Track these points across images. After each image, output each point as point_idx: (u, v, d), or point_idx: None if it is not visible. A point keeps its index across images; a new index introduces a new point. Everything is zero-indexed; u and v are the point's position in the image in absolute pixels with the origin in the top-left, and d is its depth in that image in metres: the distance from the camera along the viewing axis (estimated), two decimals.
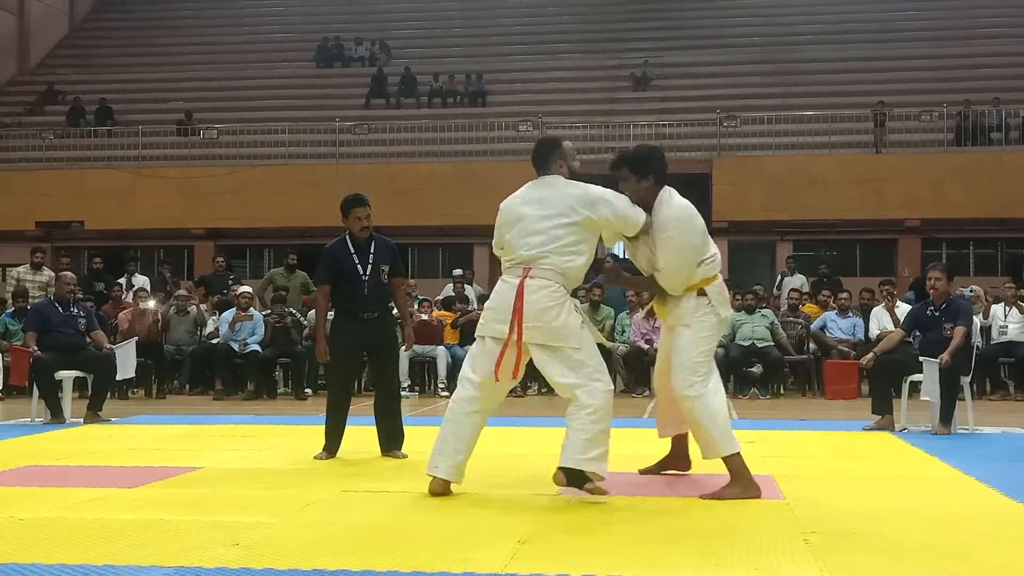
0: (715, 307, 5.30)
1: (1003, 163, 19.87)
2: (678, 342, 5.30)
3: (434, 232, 21.28)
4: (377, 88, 25.37)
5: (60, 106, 26.11)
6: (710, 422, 5.19)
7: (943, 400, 8.14)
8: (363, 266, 6.70)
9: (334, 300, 6.88)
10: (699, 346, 5.27)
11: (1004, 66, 24.08)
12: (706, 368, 5.27)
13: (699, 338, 5.27)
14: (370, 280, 6.72)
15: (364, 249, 6.73)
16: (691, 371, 5.22)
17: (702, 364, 5.26)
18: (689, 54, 26.13)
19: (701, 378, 5.22)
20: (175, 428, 8.78)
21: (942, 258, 18.74)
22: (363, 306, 6.71)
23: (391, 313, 7.16)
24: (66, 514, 4.80)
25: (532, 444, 7.65)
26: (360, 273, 6.68)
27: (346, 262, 6.69)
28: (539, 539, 4.24)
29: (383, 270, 6.78)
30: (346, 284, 6.71)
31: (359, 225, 6.74)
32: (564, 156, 5.26)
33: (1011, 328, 12.50)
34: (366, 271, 6.69)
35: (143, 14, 31.42)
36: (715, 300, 5.31)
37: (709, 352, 5.33)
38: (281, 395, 12.75)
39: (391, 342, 7.01)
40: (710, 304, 5.29)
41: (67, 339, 9.46)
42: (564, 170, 5.25)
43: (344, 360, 6.85)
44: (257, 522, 4.56)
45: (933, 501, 5.21)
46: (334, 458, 6.67)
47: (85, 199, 21.34)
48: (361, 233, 6.75)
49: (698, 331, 5.27)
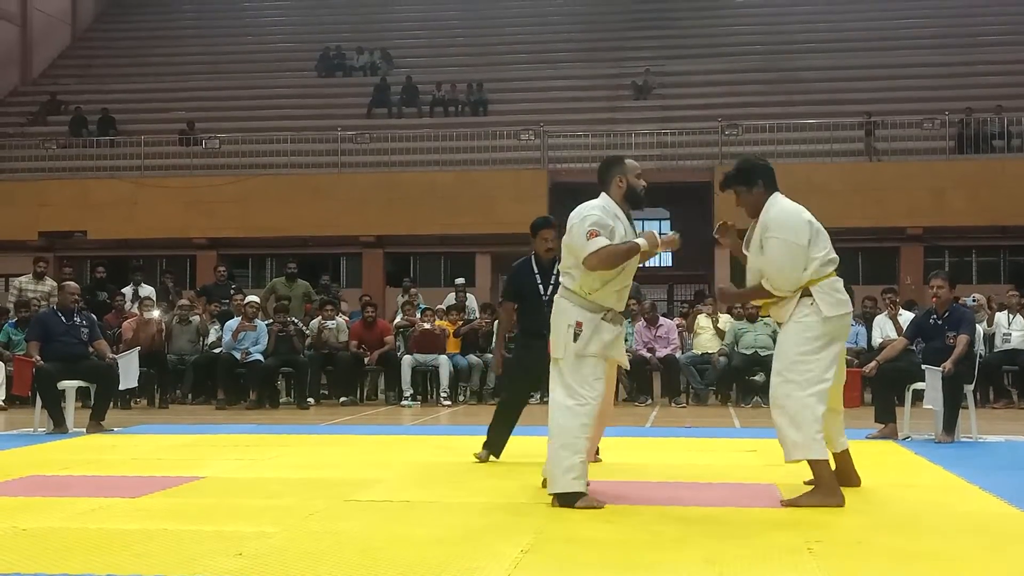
0: (818, 306, 5.18)
1: (1005, 171, 19.88)
2: (779, 344, 5.34)
3: (435, 241, 21.30)
4: (379, 97, 25.42)
5: (62, 116, 26.17)
6: (788, 425, 5.14)
7: (946, 408, 8.13)
8: (544, 287, 6.78)
9: (519, 317, 7.04)
10: (799, 346, 5.19)
11: (1005, 74, 24.11)
12: (807, 370, 5.14)
13: (801, 338, 5.19)
14: (551, 301, 6.77)
15: (547, 271, 6.79)
16: (789, 371, 5.17)
17: (800, 364, 5.16)
18: (690, 63, 26.17)
19: (796, 384, 5.13)
20: (178, 438, 8.78)
21: (945, 266, 18.73)
22: (543, 325, 6.74)
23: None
24: (69, 524, 4.80)
25: (534, 453, 7.63)
26: (541, 293, 6.77)
27: (529, 282, 6.81)
28: (542, 548, 4.23)
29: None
30: (528, 303, 6.83)
31: (544, 247, 6.83)
32: (624, 173, 5.36)
33: (1015, 336, 12.48)
34: (547, 292, 6.74)
35: (145, 24, 31.50)
36: (818, 299, 5.19)
37: (813, 352, 5.17)
38: (283, 405, 12.74)
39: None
40: (813, 304, 5.19)
41: (70, 349, 9.45)
42: (623, 187, 5.35)
43: (521, 375, 6.96)
44: (260, 532, 4.56)
45: (937, 510, 5.19)
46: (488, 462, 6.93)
47: (87, 209, 21.37)
48: (546, 255, 6.83)
49: (798, 331, 5.20)
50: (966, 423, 8.46)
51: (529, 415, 7.09)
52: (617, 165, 5.41)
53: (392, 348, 13.24)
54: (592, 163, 21.48)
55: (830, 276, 5.26)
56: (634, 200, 5.38)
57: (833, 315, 5.21)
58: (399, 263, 22.01)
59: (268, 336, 12.65)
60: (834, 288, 5.25)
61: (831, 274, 5.27)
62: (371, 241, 21.18)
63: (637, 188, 5.38)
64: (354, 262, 21.82)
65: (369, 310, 13.49)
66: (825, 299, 5.20)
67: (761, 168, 5.50)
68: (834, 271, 5.29)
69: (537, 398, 13.01)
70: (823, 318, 5.18)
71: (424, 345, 12.95)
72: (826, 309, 5.19)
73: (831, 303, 5.21)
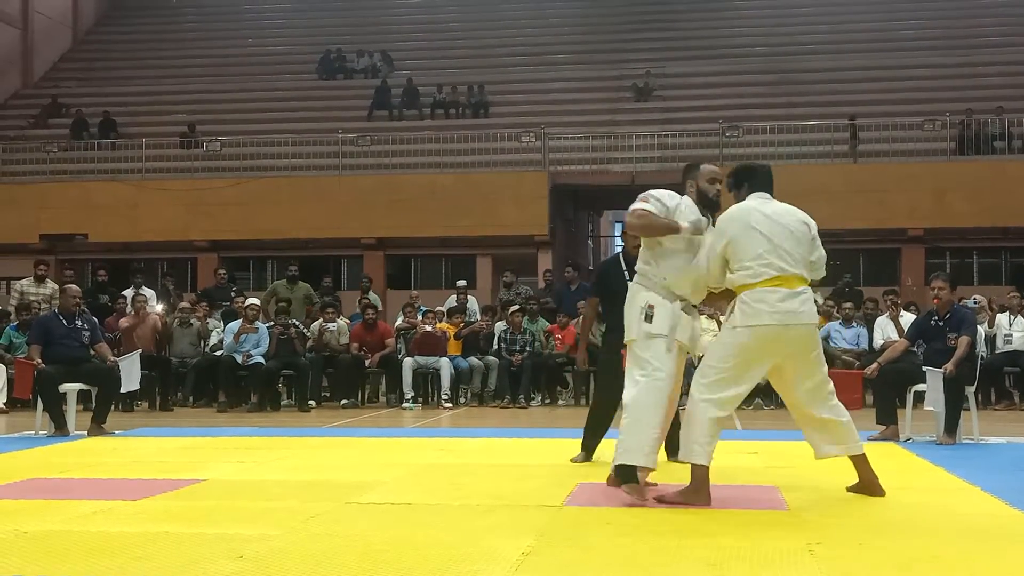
0: (735, 314, 5.17)
1: (1006, 172, 19.86)
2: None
3: (436, 243, 21.30)
4: (380, 99, 25.43)
5: (64, 119, 26.19)
6: (684, 424, 5.28)
7: (948, 410, 8.12)
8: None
9: (607, 315, 6.92)
10: (712, 350, 5.33)
11: (1006, 75, 24.10)
12: (713, 375, 5.20)
13: (718, 342, 5.34)
14: None
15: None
16: (699, 372, 5.28)
17: (708, 368, 5.24)
18: (691, 64, 26.17)
19: (699, 386, 5.23)
20: (179, 440, 8.78)
21: (946, 268, 18.72)
22: None
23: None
24: (70, 527, 4.80)
25: (535, 455, 7.65)
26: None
27: (617, 278, 6.62)
28: (543, 552, 4.22)
29: None
30: (616, 299, 6.53)
31: (633, 243, 6.66)
32: (695, 177, 5.50)
33: (1016, 337, 12.47)
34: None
35: (146, 27, 31.53)
36: (738, 307, 5.18)
37: (721, 360, 5.21)
38: (284, 407, 12.74)
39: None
40: (734, 311, 5.21)
41: (71, 352, 9.46)
42: (693, 192, 5.48)
43: (613, 375, 6.80)
44: (261, 534, 4.56)
45: (938, 511, 5.19)
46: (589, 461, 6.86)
47: (89, 212, 21.37)
48: (635, 251, 6.55)
49: (720, 335, 5.36)
50: (968, 425, 8.46)
51: (529, 417, 7.09)
52: (691, 170, 5.57)
53: (393, 350, 13.24)
54: (593, 165, 21.62)
55: (760, 286, 5.11)
56: (706, 204, 5.46)
57: (742, 325, 5.13)
58: (400, 265, 22.01)
59: (269, 339, 12.65)
60: (757, 299, 5.10)
61: (764, 283, 5.11)
62: (372, 243, 21.19)
63: (709, 193, 5.48)
64: (355, 264, 21.83)
65: (370, 312, 13.49)
66: (743, 308, 5.15)
67: (748, 172, 5.54)
68: (771, 281, 5.11)
69: (539, 400, 13.04)
70: (733, 327, 5.18)
71: (425, 347, 12.94)
72: (739, 319, 5.16)
73: (747, 313, 5.13)
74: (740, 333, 5.17)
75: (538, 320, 13.57)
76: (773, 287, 5.11)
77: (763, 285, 5.12)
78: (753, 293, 5.13)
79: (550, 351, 13.25)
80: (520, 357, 12.93)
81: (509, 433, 9.29)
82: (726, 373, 5.19)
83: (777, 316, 5.10)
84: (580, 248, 25.14)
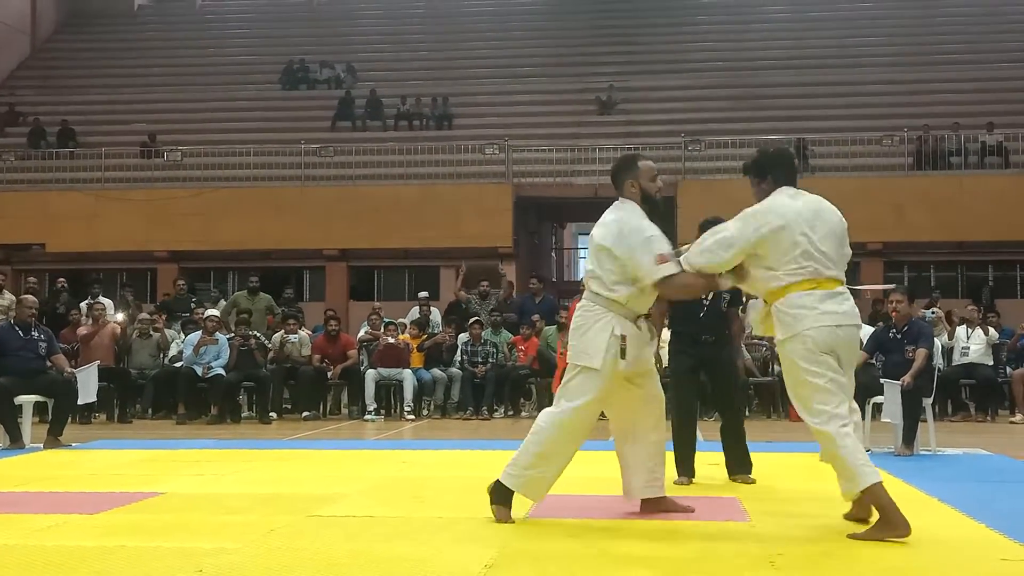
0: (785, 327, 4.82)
1: (963, 187, 20.15)
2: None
3: (400, 255, 21.25)
4: (343, 111, 25.35)
5: (21, 127, 25.84)
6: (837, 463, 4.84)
7: (905, 422, 8.21)
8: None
9: (673, 320, 6.72)
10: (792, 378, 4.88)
11: (962, 91, 24.47)
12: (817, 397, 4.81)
13: (787, 370, 4.93)
14: (711, 305, 6.63)
15: None
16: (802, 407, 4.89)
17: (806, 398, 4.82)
18: (654, 78, 26.33)
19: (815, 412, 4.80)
20: (137, 453, 8.68)
21: (904, 281, 18.94)
22: (702, 329, 6.61)
23: (728, 338, 7.01)
24: (25, 541, 4.72)
25: (498, 468, 7.60)
26: (701, 297, 6.52)
27: None
28: (505, 564, 4.21)
29: (724, 297, 6.62)
30: (687, 307, 6.52)
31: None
32: (636, 176, 5.04)
33: (972, 349, 12.65)
34: (707, 296, 6.52)
35: (106, 35, 31.23)
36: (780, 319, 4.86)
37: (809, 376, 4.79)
38: (245, 419, 12.64)
39: (727, 366, 6.89)
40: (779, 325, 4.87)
41: (27, 363, 9.33)
42: (636, 192, 5.03)
43: (683, 381, 6.76)
44: (221, 548, 4.51)
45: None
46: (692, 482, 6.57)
47: (46, 221, 21.10)
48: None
49: (785, 366, 4.93)
50: (925, 436, 8.56)
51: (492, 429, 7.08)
52: (629, 168, 5.09)
53: (355, 362, 13.18)
54: (556, 177, 21.67)
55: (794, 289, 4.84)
56: (650, 204, 5.03)
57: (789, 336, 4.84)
58: (363, 277, 21.93)
59: (230, 350, 12.56)
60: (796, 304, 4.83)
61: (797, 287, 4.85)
62: (335, 255, 21.10)
63: (652, 192, 5.05)
64: (318, 276, 21.71)
65: (332, 324, 13.42)
66: (782, 319, 4.86)
67: (774, 160, 5.16)
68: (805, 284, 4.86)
69: (502, 412, 13.02)
70: (783, 344, 4.88)
71: (388, 359, 12.91)
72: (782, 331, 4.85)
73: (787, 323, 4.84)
74: (794, 345, 4.76)
75: (501, 332, 13.57)
76: (807, 290, 4.80)
77: (797, 289, 4.80)
78: (788, 299, 4.80)
79: (513, 363, 13.25)
80: (483, 369, 12.93)
81: (472, 445, 9.26)
82: (820, 386, 4.72)
83: (825, 317, 4.75)
84: (544, 260, 25.19)
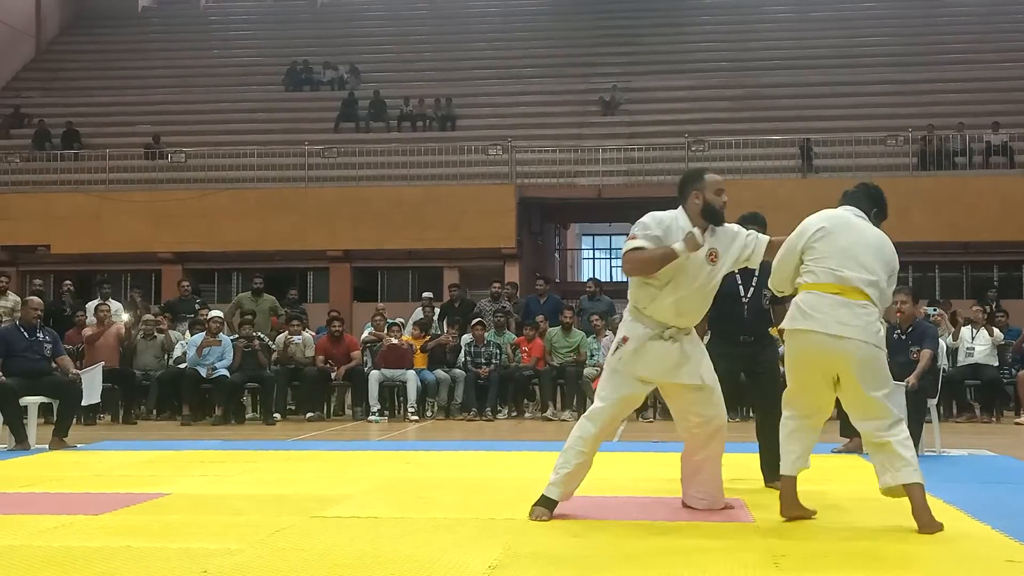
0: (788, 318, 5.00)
1: (967, 187, 20.14)
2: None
3: (403, 255, 21.26)
4: (346, 112, 25.37)
5: (26, 129, 25.90)
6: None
7: (910, 423, 8.11)
8: (745, 288, 6.41)
9: (713, 319, 6.42)
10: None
11: (966, 91, 24.45)
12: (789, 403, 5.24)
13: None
14: (751, 303, 6.47)
15: (750, 272, 6.26)
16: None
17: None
18: (657, 79, 26.34)
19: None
20: (142, 454, 8.69)
21: (908, 281, 18.93)
22: (741, 328, 6.47)
23: (771, 337, 6.81)
24: (31, 542, 4.73)
25: (502, 468, 7.64)
26: (741, 295, 6.41)
27: (729, 283, 6.10)
28: (510, 564, 4.22)
29: (766, 295, 6.42)
30: (727, 305, 6.30)
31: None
32: (702, 188, 5.12)
33: (978, 350, 12.63)
34: (747, 293, 6.42)
35: (110, 37, 31.28)
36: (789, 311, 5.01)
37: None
38: (249, 420, 12.66)
39: (769, 365, 6.68)
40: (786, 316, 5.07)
41: (32, 364, 9.35)
42: (699, 203, 5.10)
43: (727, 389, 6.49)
44: (225, 549, 4.52)
45: (901, 523, 5.22)
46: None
47: (51, 223, 21.14)
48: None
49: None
50: (929, 437, 8.55)
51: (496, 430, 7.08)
52: (696, 180, 5.16)
53: (359, 363, 13.19)
54: (560, 178, 21.68)
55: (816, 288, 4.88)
56: (712, 217, 5.10)
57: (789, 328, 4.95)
58: (367, 278, 21.94)
59: (233, 351, 12.57)
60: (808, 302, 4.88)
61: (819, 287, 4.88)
62: (338, 256, 21.12)
63: (716, 204, 5.10)
64: (321, 277, 21.73)
65: (336, 325, 13.43)
66: (790, 311, 4.98)
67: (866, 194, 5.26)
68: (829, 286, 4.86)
69: (505, 413, 13.02)
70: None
71: (391, 360, 12.91)
72: (786, 321, 5.01)
73: (791, 316, 4.95)
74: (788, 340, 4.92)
75: (505, 333, 13.58)
76: (829, 293, 4.80)
77: (819, 288, 4.83)
78: (806, 295, 4.86)
79: (516, 363, 13.26)
80: (487, 370, 12.93)
81: (476, 446, 9.27)
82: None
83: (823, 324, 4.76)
84: (547, 261, 25.20)
